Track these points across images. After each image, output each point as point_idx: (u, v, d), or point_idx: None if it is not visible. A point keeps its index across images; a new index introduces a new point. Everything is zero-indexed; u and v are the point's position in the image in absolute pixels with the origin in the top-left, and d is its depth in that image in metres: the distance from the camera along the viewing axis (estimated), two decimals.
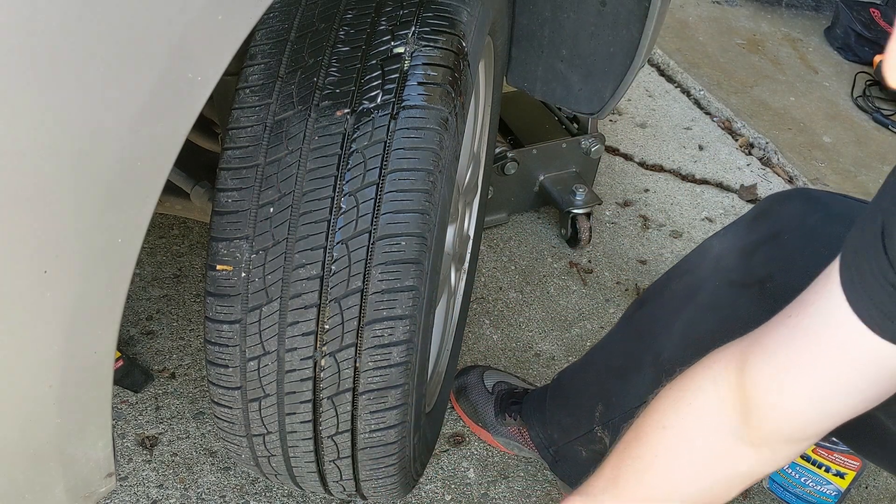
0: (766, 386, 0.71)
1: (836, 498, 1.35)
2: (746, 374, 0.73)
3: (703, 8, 2.88)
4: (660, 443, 0.81)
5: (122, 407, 1.37)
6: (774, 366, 0.70)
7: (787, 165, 2.18)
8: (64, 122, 0.53)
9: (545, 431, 1.29)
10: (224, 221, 0.79)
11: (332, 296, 0.80)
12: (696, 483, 0.80)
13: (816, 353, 0.68)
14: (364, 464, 0.92)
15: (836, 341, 0.66)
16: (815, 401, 0.70)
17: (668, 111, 2.35)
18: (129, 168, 0.58)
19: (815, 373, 0.68)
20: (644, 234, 1.90)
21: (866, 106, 2.47)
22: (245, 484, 1.29)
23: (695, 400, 0.78)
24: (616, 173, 2.08)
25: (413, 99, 0.79)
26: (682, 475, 0.81)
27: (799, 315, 0.70)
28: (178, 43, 0.56)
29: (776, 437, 0.75)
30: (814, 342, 0.68)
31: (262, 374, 0.84)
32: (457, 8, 0.84)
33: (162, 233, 1.69)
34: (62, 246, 0.57)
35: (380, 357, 0.82)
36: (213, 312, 0.82)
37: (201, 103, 0.61)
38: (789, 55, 2.71)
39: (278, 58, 0.80)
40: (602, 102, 1.29)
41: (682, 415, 0.79)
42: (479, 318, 1.63)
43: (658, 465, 0.82)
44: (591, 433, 1.19)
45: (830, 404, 0.70)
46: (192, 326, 1.51)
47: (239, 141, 0.79)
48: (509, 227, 1.86)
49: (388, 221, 0.78)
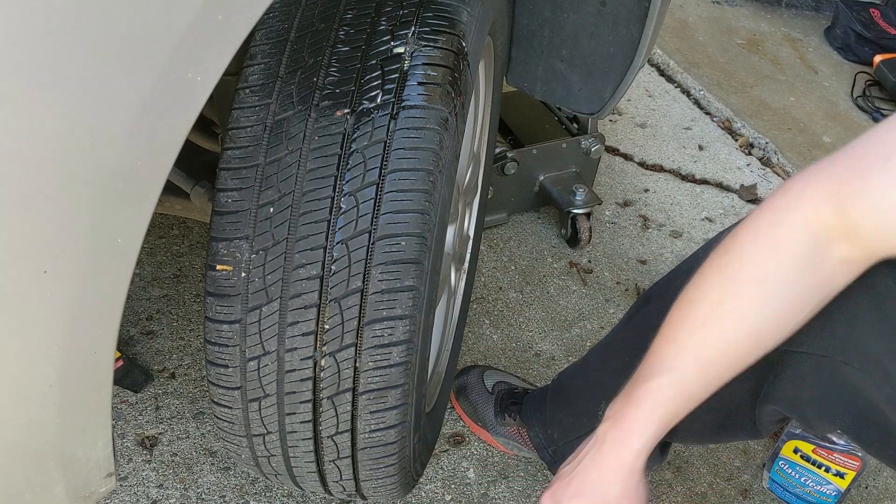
0: (871, 217, 0.73)
1: (836, 498, 1.35)
2: (847, 214, 0.73)
3: (703, 8, 2.88)
4: (746, 276, 0.80)
5: (122, 407, 1.37)
6: (875, 200, 0.71)
7: (787, 165, 2.18)
8: (64, 121, 0.53)
9: (545, 431, 1.29)
10: (224, 221, 0.79)
11: (332, 296, 0.80)
12: (788, 297, 0.79)
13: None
14: (364, 464, 0.92)
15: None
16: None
17: (668, 111, 2.35)
18: (129, 168, 0.58)
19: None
20: (644, 234, 1.90)
21: (866, 106, 2.47)
22: (245, 484, 1.29)
23: (785, 237, 0.77)
24: (616, 173, 2.08)
25: (413, 99, 0.79)
26: (773, 297, 0.79)
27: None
28: (178, 43, 0.56)
29: (878, 254, 0.76)
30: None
31: (262, 374, 0.84)
32: (457, 8, 0.84)
33: (162, 233, 1.69)
34: (62, 246, 0.57)
35: (380, 357, 0.82)
36: (213, 312, 0.82)
37: (201, 103, 0.61)
38: (789, 55, 2.71)
39: (278, 58, 0.80)
40: (602, 102, 1.29)
41: (767, 247, 0.78)
42: (479, 318, 1.63)
43: (747, 297, 0.80)
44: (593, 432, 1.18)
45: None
46: (192, 326, 1.51)
47: (239, 141, 0.79)
48: (509, 227, 1.86)
49: (388, 221, 0.78)
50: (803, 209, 0.76)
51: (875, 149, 0.73)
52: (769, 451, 1.43)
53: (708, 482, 1.41)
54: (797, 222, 0.76)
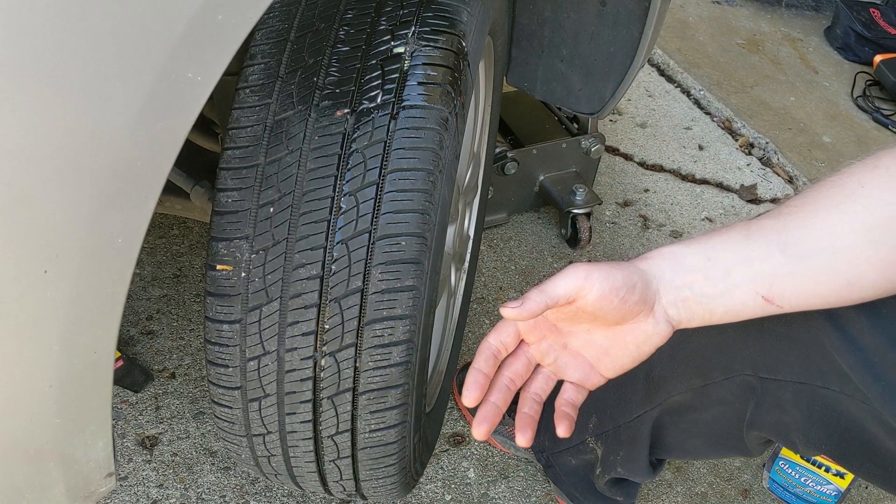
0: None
1: (836, 498, 1.35)
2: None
3: (703, 8, 2.88)
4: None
5: (122, 407, 1.37)
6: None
7: (787, 165, 2.18)
8: (64, 121, 0.53)
9: (538, 438, 1.29)
10: (224, 221, 0.79)
11: (332, 296, 0.80)
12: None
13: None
14: (364, 464, 0.92)
15: None
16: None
17: (668, 111, 2.35)
18: (129, 168, 0.58)
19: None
20: (644, 234, 1.90)
21: (866, 106, 2.47)
22: (245, 484, 1.29)
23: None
24: (616, 173, 2.08)
25: (413, 99, 0.79)
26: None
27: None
28: (178, 43, 0.56)
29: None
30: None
31: (262, 374, 0.84)
32: (457, 8, 0.84)
33: (162, 233, 1.69)
34: (62, 246, 0.57)
35: (380, 357, 0.82)
36: (213, 312, 0.82)
37: (201, 103, 0.61)
38: (789, 55, 2.71)
39: (278, 58, 0.80)
40: (602, 102, 1.29)
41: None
42: (479, 318, 1.63)
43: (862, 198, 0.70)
44: (583, 444, 1.19)
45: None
46: (192, 326, 1.51)
47: (239, 141, 0.79)
48: (509, 227, 1.86)
49: (388, 221, 0.78)
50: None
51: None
52: (769, 451, 1.43)
53: (708, 482, 1.41)
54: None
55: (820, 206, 0.72)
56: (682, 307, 0.73)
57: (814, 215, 0.71)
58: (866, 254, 0.70)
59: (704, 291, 0.72)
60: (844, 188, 0.71)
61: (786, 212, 0.73)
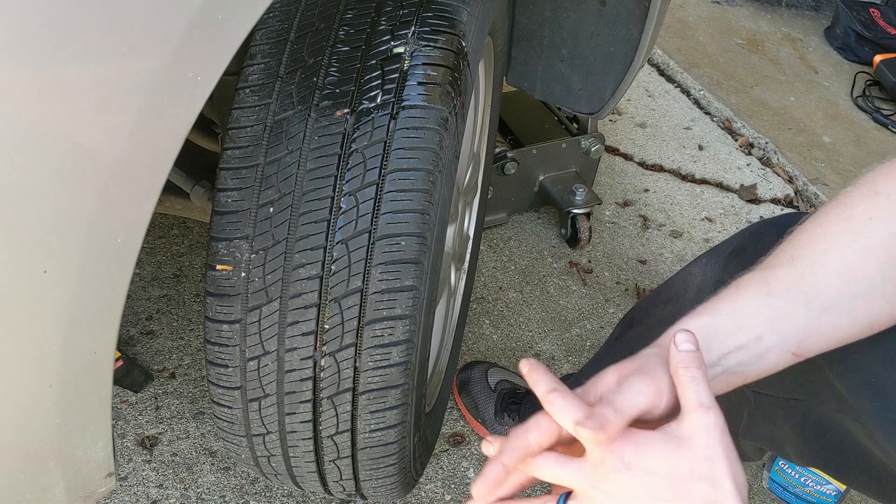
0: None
1: (836, 498, 1.35)
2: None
3: (703, 8, 2.88)
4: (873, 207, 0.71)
5: (122, 407, 1.37)
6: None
7: (786, 165, 2.18)
8: (64, 121, 0.53)
9: None
10: (224, 221, 0.79)
11: (332, 296, 0.80)
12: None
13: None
14: (364, 464, 0.92)
15: None
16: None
17: (668, 111, 2.35)
18: (129, 168, 0.58)
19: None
20: (644, 234, 1.90)
21: (866, 106, 2.47)
22: (245, 484, 1.29)
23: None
24: (616, 173, 2.08)
25: (413, 99, 0.79)
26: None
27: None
28: (178, 43, 0.56)
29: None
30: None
31: (262, 374, 0.84)
32: (457, 8, 0.84)
33: (162, 233, 1.69)
34: (62, 246, 0.57)
35: (380, 357, 0.82)
36: (213, 312, 0.82)
37: (201, 103, 0.61)
38: (789, 55, 2.71)
39: (278, 58, 0.80)
40: (602, 102, 1.29)
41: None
42: (479, 318, 1.63)
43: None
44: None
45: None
46: (192, 326, 1.51)
47: (239, 141, 0.79)
48: (509, 227, 1.86)
49: (388, 221, 0.78)
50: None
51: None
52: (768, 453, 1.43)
53: None
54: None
55: (831, 245, 0.72)
56: (715, 382, 0.71)
57: (826, 258, 0.71)
58: (882, 292, 0.70)
59: (740, 360, 0.71)
60: (853, 222, 0.71)
61: (798, 256, 0.72)
